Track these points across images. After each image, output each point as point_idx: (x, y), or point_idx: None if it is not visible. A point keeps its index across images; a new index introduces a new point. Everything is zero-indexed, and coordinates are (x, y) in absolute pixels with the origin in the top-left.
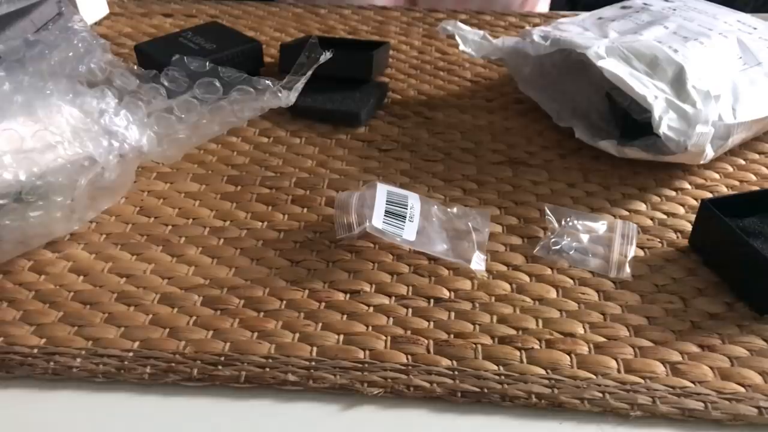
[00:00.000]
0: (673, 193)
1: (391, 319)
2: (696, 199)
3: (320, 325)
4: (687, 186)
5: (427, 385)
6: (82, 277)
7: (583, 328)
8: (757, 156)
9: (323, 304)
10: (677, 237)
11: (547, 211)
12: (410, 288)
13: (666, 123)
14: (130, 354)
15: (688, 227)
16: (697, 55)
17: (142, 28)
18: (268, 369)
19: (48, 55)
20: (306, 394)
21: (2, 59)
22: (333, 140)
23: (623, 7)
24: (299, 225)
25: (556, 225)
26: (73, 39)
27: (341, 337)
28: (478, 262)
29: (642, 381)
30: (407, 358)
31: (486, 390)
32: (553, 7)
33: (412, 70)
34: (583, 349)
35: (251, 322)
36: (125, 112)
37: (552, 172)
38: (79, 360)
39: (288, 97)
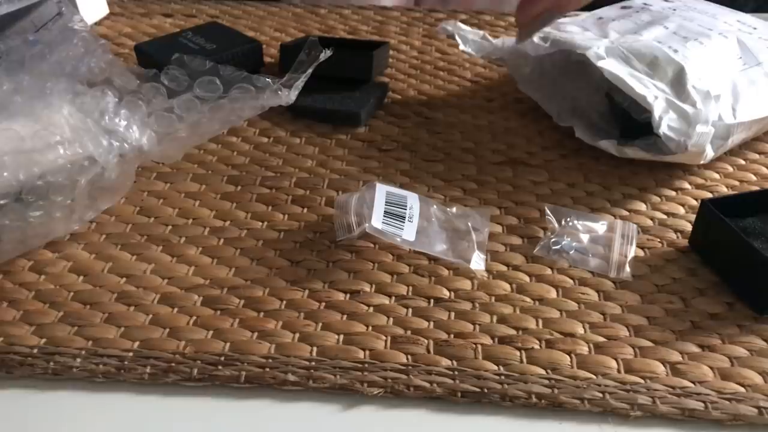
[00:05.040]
0: (673, 193)
1: (391, 319)
2: (696, 199)
3: (320, 325)
4: (687, 186)
5: (427, 385)
6: (82, 277)
7: (583, 328)
8: (757, 156)
9: (323, 304)
10: (677, 237)
11: (547, 211)
12: (410, 288)
13: (666, 123)
14: (130, 354)
15: (688, 227)
16: (697, 55)
17: (142, 28)
18: (268, 369)
19: (48, 55)
20: (306, 394)
21: (2, 59)
22: (333, 140)
23: (623, 7)
24: (299, 225)
25: (556, 225)
26: (73, 39)
27: (341, 337)
28: (477, 262)
29: (642, 381)
30: (407, 358)
31: (486, 390)
32: None
33: (412, 70)
34: (583, 349)
35: (251, 322)
36: (125, 111)
37: (552, 172)
38: (79, 360)
39: (288, 96)
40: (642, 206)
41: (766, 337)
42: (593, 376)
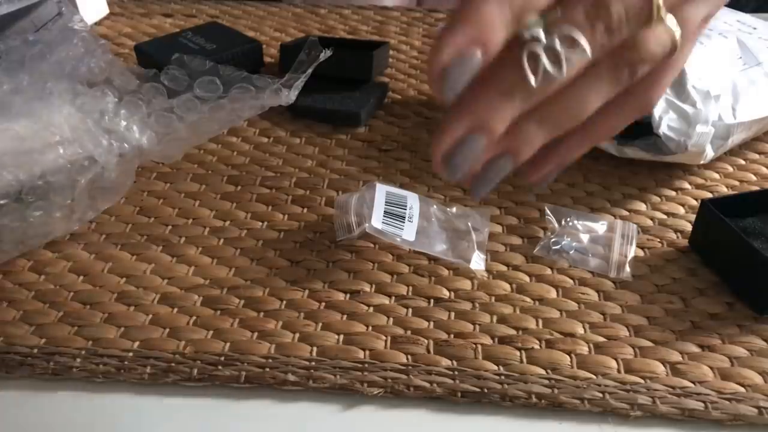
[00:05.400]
0: (673, 193)
1: (391, 319)
2: (696, 199)
3: (320, 325)
4: (687, 186)
5: (427, 385)
6: (82, 277)
7: (583, 328)
8: (757, 156)
9: (323, 304)
10: (677, 237)
11: (547, 211)
12: (410, 288)
13: (666, 123)
14: (130, 354)
15: (688, 227)
16: (697, 55)
17: (142, 28)
18: (268, 369)
19: (48, 55)
20: (306, 394)
21: (2, 59)
22: (333, 140)
23: None
24: (299, 225)
25: (556, 225)
26: (73, 39)
27: (341, 337)
28: (477, 262)
29: (642, 381)
30: (407, 358)
31: (486, 390)
32: None
33: (412, 70)
34: (583, 349)
35: (251, 322)
36: (125, 111)
37: None
38: (79, 360)
39: (288, 96)
40: (642, 206)
41: (766, 337)
42: (593, 376)
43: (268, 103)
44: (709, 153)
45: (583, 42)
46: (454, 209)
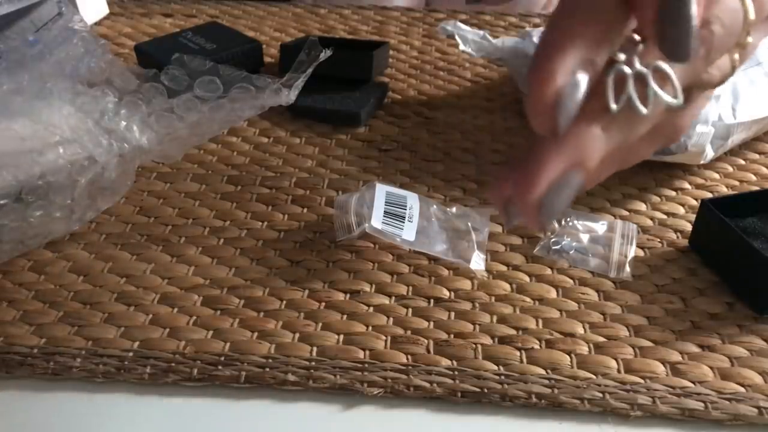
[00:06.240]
0: (673, 193)
1: (391, 319)
2: (696, 199)
3: (320, 325)
4: (687, 186)
5: (427, 385)
6: (81, 277)
7: (583, 328)
8: (757, 156)
9: (323, 304)
10: (677, 237)
11: None
12: (410, 288)
13: None
14: (130, 354)
15: (688, 227)
16: None
17: (142, 28)
18: (268, 369)
19: (48, 55)
20: (306, 394)
21: (2, 59)
22: (333, 140)
23: None
24: (299, 225)
25: (556, 225)
26: (73, 39)
27: (341, 337)
28: (477, 262)
29: (642, 381)
30: (407, 358)
31: (486, 390)
32: None
33: (412, 70)
34: (583, 349)
35: (251, 322)
36: (125, 111)
37: None
38: (79, 360)
39: (288, 96)
40: (642, 206)
41: (766, 337)
42: (593, 376)
43: (268, 103)
44: (709, 153)
45: (677, 86)
46: (454, 209)
